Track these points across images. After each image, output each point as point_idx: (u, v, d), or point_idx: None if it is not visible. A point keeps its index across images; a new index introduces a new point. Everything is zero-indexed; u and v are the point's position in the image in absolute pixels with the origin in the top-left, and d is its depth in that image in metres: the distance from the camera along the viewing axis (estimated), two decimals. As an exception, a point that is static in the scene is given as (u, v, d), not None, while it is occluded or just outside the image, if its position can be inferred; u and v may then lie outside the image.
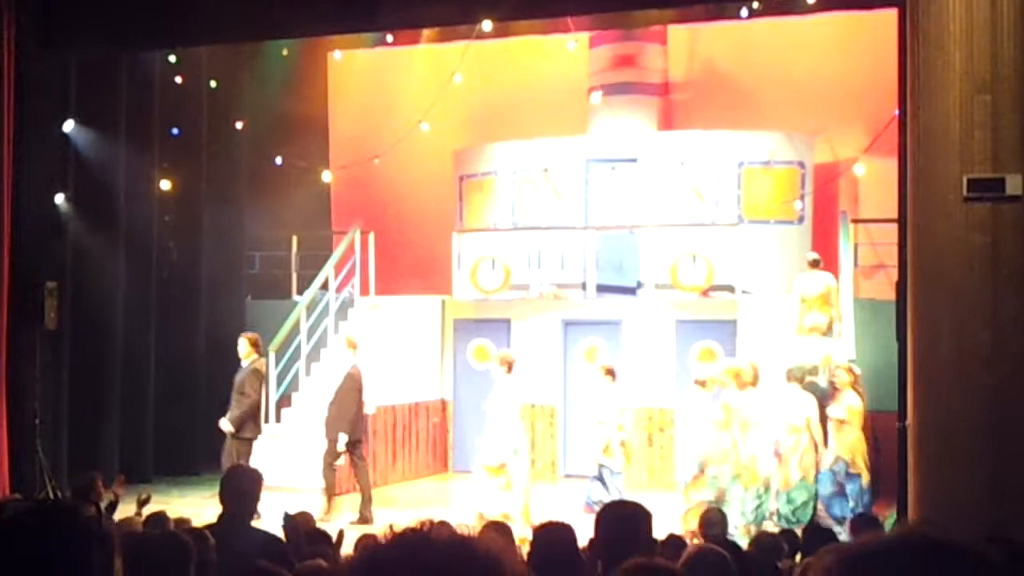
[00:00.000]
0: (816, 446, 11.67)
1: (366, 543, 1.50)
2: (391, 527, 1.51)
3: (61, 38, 13.36)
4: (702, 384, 11.94)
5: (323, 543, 6.38)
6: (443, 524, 1.53)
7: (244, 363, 12.99)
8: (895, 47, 9.35)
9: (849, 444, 11.50)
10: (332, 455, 12.68)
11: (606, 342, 15.77)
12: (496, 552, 1.48)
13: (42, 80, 13.44)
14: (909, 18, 8.74)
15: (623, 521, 3.81)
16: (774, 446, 11.64)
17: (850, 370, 11.87)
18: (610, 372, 12.94)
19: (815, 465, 11.64)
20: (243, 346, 13.07)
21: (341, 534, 7.02)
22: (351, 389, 12.77)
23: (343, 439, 12.54)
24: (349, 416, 12.64)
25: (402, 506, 13.48)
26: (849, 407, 11.57)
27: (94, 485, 8.13)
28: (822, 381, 12.50)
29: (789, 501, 11.49)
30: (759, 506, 11.43)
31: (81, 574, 1.80)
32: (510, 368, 12.42)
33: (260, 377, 13.07)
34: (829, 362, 12.81)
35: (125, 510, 8.56)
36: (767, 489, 11.49)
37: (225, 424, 12.60)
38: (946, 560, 1.45)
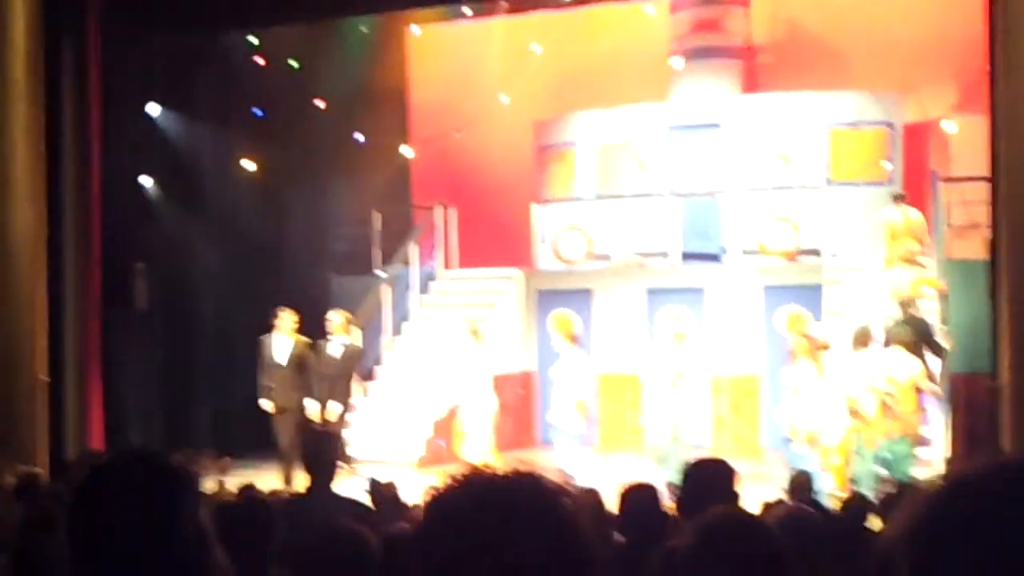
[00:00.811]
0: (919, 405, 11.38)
1: (432, 491, 1.49)
2: (450, 474, 1.52)
3: (143, 23, 13.57)
4: (824, 347, 11.63)
5: (407, 511, 6.41)
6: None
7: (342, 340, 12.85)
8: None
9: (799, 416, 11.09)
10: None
11: (691, 309, 15.61)
12: (555, 487, 1.50)
13: (127, 65, 13.68)
14: (999, -33, 8.47)
15: (708, 477, 3.76)
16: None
17: (807, 336, 11.42)
18: (475, 332, 12.79)
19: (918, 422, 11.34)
20: (339, 321, 12.93)
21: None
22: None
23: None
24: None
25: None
26: (803, 376, 11.18)
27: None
28: (919, 312, 12.19)
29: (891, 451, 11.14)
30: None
31: (169, 518, 1.86)
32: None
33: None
34: (924, 284, 12.66)
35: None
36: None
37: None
38: None
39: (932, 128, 16.33)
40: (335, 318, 12.94)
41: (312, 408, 12.58)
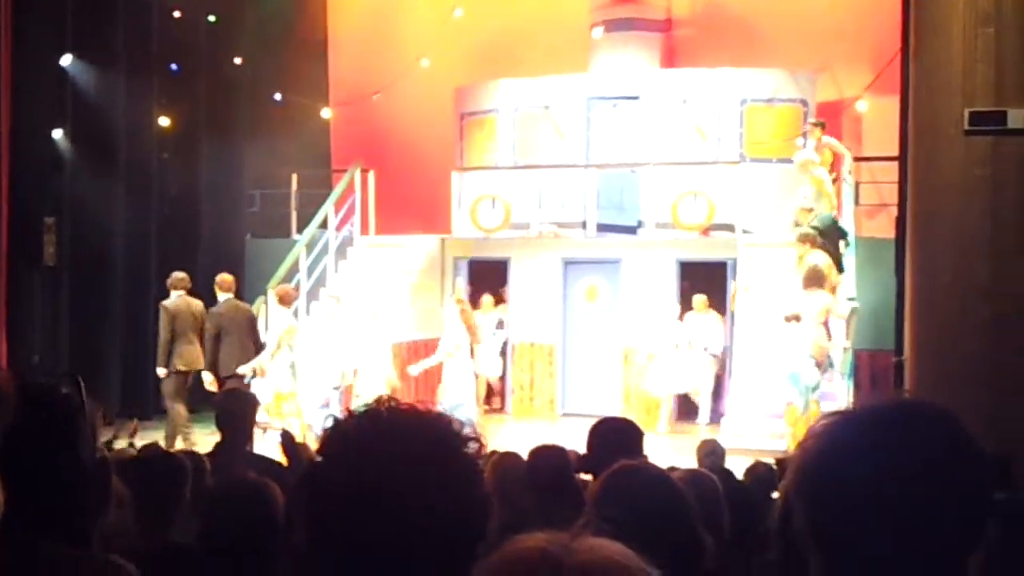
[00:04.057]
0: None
1: (330, 427, 1.51)
2: (348, 411, 1.54)
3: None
4: (796, 319, 12.01)
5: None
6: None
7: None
8: (900, -20, 9.23)
9: None
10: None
11: (606, 281, 15.76)
12: (448, 420, 1.52)
13: (39, 13, 13.34)
14: (913, -51, 8.62)
15: (615, 435, 3.83)
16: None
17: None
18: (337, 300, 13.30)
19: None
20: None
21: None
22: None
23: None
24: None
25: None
26: None
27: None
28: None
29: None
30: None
31: (59, 443, 1.85)
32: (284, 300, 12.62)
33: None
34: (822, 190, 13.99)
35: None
36: None
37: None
38: (930, 418, 1.50)
39: (846, 107, 16.63)
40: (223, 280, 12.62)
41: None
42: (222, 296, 12.30)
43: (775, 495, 6.14)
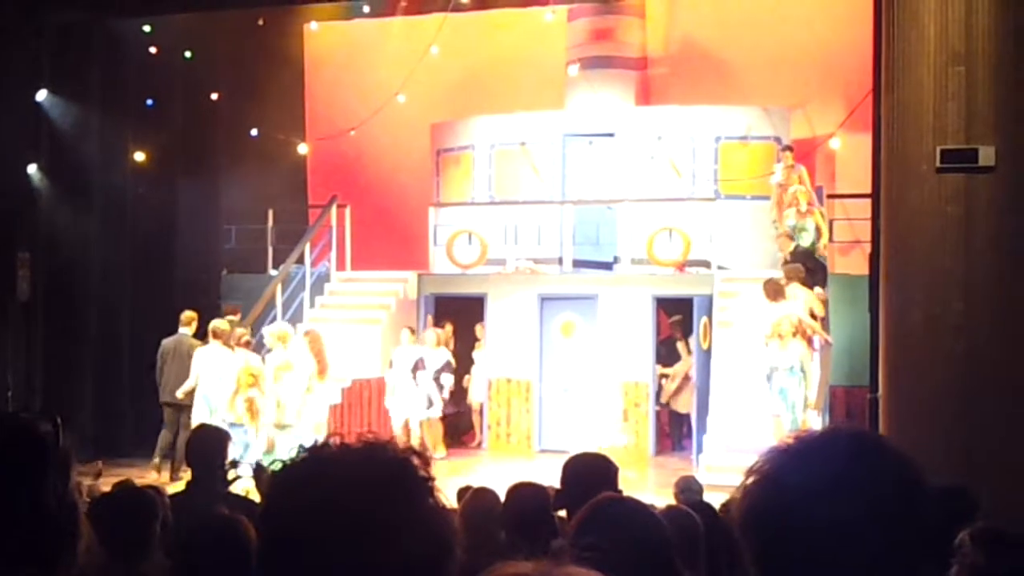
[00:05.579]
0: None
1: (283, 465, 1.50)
2: (300, 447, 1.52)
3: (39, 3, 13.27)
4: (781, 336, 12.22)
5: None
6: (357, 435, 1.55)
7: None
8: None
9: None
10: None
11: (582, 317, 15.77)
12: (405, 455, 1.48)
13: (14, 48, 13.33)
14: (885, -11, 8.72)
15: (590, 472, 3.82)
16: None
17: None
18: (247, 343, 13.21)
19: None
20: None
21: None
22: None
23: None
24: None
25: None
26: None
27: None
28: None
29: None
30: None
31: (37, 485, 1.80)
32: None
33: None
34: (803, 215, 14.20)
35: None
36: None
37: None
38: (868, 446, 1.53)
39: (819, 144, 16.77)
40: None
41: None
42: (181, 330, 13.51)
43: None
